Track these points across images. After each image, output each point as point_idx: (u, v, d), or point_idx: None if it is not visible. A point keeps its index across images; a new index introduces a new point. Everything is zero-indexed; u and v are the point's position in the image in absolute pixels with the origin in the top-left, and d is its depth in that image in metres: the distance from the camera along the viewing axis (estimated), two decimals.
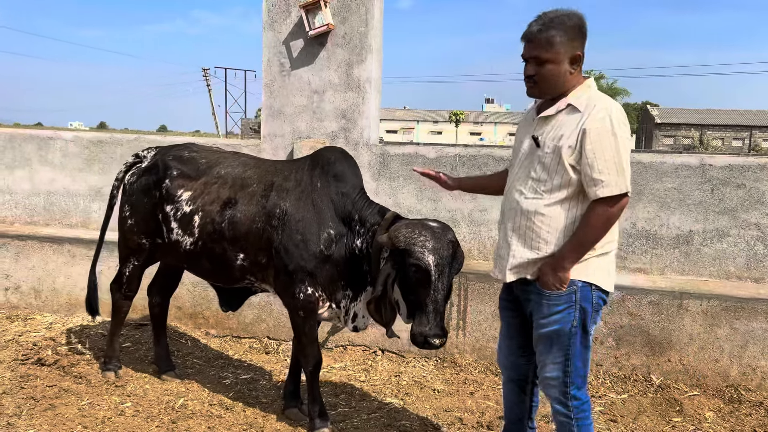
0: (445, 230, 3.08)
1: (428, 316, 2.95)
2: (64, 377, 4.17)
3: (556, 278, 2.63)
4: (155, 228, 3.87)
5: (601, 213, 2.54)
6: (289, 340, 5.03)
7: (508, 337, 3.05)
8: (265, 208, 3.53)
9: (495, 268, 2.91)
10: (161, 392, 4.05)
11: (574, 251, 2.60)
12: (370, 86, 5.24)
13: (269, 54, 5.40)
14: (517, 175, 2.76)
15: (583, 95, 2.59)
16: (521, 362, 3.02)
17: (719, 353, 4.25)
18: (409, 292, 3.04)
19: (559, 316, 2.67)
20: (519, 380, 3.07)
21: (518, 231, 2.72)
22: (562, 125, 2.58)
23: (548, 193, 2.62)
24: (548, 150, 2.59)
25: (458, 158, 5.16)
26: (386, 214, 3.38)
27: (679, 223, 4.66)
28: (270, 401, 4.01)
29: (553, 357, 2.72)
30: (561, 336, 2.69)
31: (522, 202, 2.69)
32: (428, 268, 2.92)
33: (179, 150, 3.95)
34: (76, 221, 5.95)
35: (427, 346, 2.95)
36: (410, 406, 3.99)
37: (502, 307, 3.07)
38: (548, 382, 2.78)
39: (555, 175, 2.59)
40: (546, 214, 2.64)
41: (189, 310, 5.18)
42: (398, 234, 3.03)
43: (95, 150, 5.91)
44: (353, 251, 3.44)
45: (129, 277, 4.11)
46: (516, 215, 2.72)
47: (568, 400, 2.75)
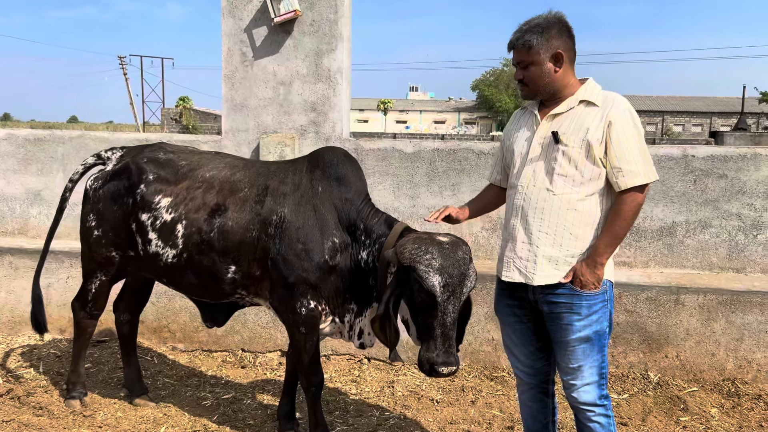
0: (456, 246, 2.78)
1: (436, 342, 2.69)
2: (21, 409, 3.69)
3: (595, 277, 2.56)
4: (127, 239, 3.45)
5: (631, 203, 2.53)
6: (266, 352, 4.71)
7: (523, 344, 2.88)
8: (260, 215, 3.19)
9: (510, 271, 2.71)
10: (136, 420, 3.65)
11: (610, 246, 2.56)
12: (341, 77, 4.93)
13: (229, 43, 5.00)
14: (534, 174, 2.64)
15: (594, 91, 2.64)
16: (541, 365, 2.89)
17: (716, 347, 4.22)
18: (417, 313, 2.79)
19: (596, 316, 2.61)
20: (541, 384, 2.93)
21: (548, 230, 2.60)
22: (583, 119, 2.57)
23: (579, 187, 2.57)
24: (574, 144, 2.55)
25: (436, 152, 4.94)
26: (394, 226, 3.10)
27: (662, 215, 4.61)
28: (259, 423, 3.68)
29: (592, 360, 2.63)
30: (600, 336, 2.63)
31: (552, 199, 2.59)
32: (433, 290, 2.66)
33: (153, 151, 3.53)
34: (12, 228, 5.37)
35: (434, 374, 2.70)
36: (412, 420, 3.75)
37: (506, 313, 2.89)
38: (584, 389, 2.64)
39: (584, 168, 2.55)
40: (579, 210, 2.58)
41: (152, 323, 4.74)
42: (404, 250, 2.75)
43: (32, 149, 5.34)
44: (358, 263, 3.15)
45: (95, 294, 3.66)
46: (545, 214, 2.61)
47: (604, 401, 2.68)
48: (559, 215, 2.58)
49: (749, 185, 4.52)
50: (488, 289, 4.44)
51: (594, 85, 2.66)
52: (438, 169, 4.91)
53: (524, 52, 2.62)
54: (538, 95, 2.69)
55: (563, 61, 2.61)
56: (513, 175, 2.76)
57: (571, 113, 2.61)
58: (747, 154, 4.58)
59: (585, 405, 2.65)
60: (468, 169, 4.86)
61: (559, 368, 2.72)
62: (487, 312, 4.45)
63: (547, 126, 2.65)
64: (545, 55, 2.60)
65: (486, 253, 4.86)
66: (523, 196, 2.66)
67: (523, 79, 2.67)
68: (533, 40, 2.60)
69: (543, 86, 2.64)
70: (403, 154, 4.95)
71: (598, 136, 2.52)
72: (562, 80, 2.64)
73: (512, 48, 2.69)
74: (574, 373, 2.66)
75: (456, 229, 4.91)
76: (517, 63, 2.68)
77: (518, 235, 2.67)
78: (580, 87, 2.65)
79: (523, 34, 2.63)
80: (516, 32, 2.67)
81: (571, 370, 2.66)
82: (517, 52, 2.66)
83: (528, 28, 2.63)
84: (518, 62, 2.67)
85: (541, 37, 2.59)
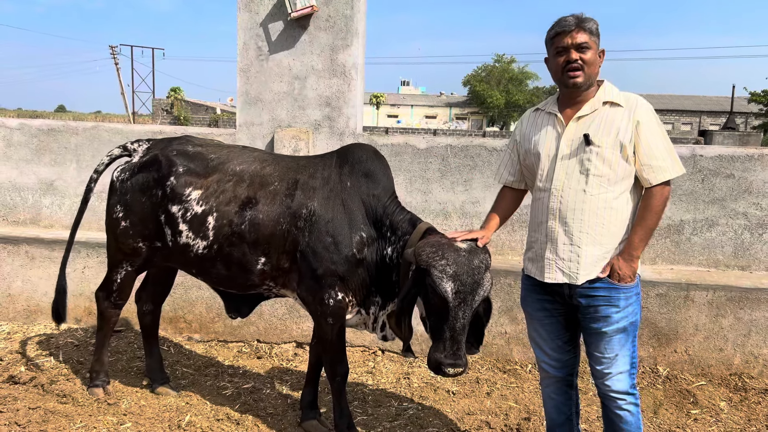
0: (473, 254, 2.82)
1: (445, 343, 2.77)
2: (46, 396, 3.74)
3: (632, 269, 2.67)
4: (155, 230, 3.50)
5: (660, 196, 2.66)
6: (281, 343, 4.78)
7: (551, 338, 2.95)
8: (290, 208, 3.25)
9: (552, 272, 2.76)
10: (160, 408, 3.70)
11: (644, 239, 2.68)
12: (355, 72, 4.99)
13: (245, 37, 5.04)
14: (567, 176, 2.70)
15: (614, 92, 2.73)
16: (568, 358, 2.98)
17: (723, 342, 4.33)
18: (430, 313, 2.87)
19: (632, 308, 2.72)
20: (566, 377, 3.01)
21: (588, 230, 2.68)
22: (612, 121, 2.66)
23: (613, 185, 2.66)
24: (607, 145, 2.63)
25: (449, 149, 5.01)
26: (418, 225, 3.17)
27: (670, 213, 4.71)
28: (281, 412, 3.75)
29: (625, 350, 2.73)
30: (634, 327, 2.75)
31: (589, 200, 2.67)
32: (444, 296, 2.72)
33: (181, 144, 3.57)
34: (24, 217, 5.40)
35: (440, 373, 2.80)
36: (430, 410, 3.83)
37: (536, 308, 2.96)
38: (617, 377, 2.73)
39: (618, 168, 2.64)
40: (615, 208, 2.67)
41: (168, 314, 4.78)
42: (421, 252, 2.82)
43: (46, 139, 5.36)
44: (383, 258, 3.22)
45: (120, 284, 3.70)
46: (584, 214, 2.68)
47: (634, 390, 2.78)
48: (597, 214, 2.66)
49: (756, 185, 4.63)
50: (501, 284, 4.53)
51: (612, 86, 2.76)
52: (450, 165, 4.98)
53: (587, 34, 2.65)
54: (588, 81, 2.68)
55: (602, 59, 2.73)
56: (541, 177, 2.80)
57: (598, 115, 2.69)
58: (754, 155, 4.69)
59: (617, 393, 2.74)
60: (480, 166, 4.93)
61: (593, 358, 2.79)
62: (500, 306, 4.54)
63: (574, 128, 2.71)
64: (597, 46, 2.69)
65: (497, 248, 4.95)
66: (558, 199, 2.72)
67: (584, 60, 2.65)
68: (595, 27, 2.68)
69: (594, 74, 2.70)
70: (416, 150, 5.01)
71: (629, 136, 2.62)
72: (596, 77, 2.73)
73: (574, 28, 2.65)
74: (609, 362, 2.74)
75: (466, 228, 4.99)
76: (578, 45, 2.65)
77: (558, 237, 2.73)
78: (599, 89, 2.74)
79: (584, 21, 2.66)
80: (571, 17, 2.68)
81: (606, 360, 2.74)
82: (580, 34, 2.65)
83: (586, 17, 2.68)
84: (581, 44, 2.64)
85: (597, 30, 2.69)
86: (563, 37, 2.68)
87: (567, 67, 2.67)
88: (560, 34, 2.69)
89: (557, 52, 2.71)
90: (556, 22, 2.72)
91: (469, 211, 4.98)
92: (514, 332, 4.56)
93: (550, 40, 2.74)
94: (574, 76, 2.67)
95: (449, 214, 5.02)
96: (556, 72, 2.74)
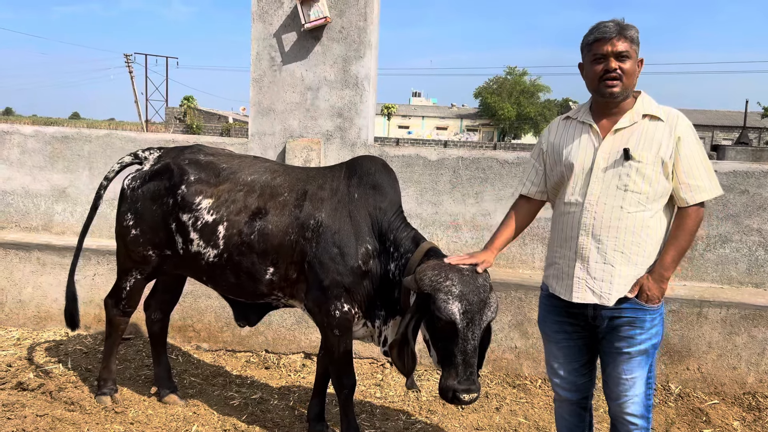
0: (476, 274, 2.78)
1: (457, 369, 2.70)
2: (54, 404, 3.73)
3: (661, 291, 2.59)
4: (166, 238, 3.50)
5: (695, 217, 2.58)
6: (290, 353, 4.76)
7: (568, 361, 2.84)
8: (298, 219, 3.24)
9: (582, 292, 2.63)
10: (167, 418, 3.69)
11: (676, 260, 2.59)
12: (368, 83, 4.99)
13: (258, 47, 5.06)
14: (603, 191, 2.58)
15: (652, 105, 2.63)
16: (583, 381, 2.88)
17: (737, 361, 4.27)
18: (437, 339, 2.80)
19: (656, 330, 2.64)
20: (581, 399, 2.92)
21: (623, 249, 2.57)
22: (653, 135, 2.55)
23: (651, 203, 2.57)
24: (647, 161, 2.53)
25: (460, 161, 4.99)
26: (421, 244, 3.12)
27: None
28: (288, 424, 3.72)
29: (643, 371, 2.64)
30: (655, 348, 2.67)
31: (626, 217, 2.56)
32: (453, 318, 2.66)
33: (193, 153, 3.58)
34: (36, 224, 5.42)
35: (456, 401, 2.72)
36: (438, 425, 3.79)
37: (554, 330, 2.84)
38: (633, 399, 2.64)
39: (657, 185, 2.55)
40: (651, 227, 2.58)
41: (177, 323, 4.78)
42: (423, 277, 2.76)
43: (59, 146, 5.40)
44: (386, 273, 3.20)
45: (130, 292, 3.70)
46: (619, 232, 2.57)
47: (649, 412, 2.69)
48: (634, 233, 2.56)
49: None
50: (512, 297, 4.49)
51: (649, 97, 2.65)
52: (462, 177, 4.96)
53: (628, 43, 2.53)
54: (625, 92, 2.57)
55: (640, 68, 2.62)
56: (573, 191, 2.66)
57: (637, 128, 2.57)
58: None
59: (631, 416, 2.65)
60: (491, 178, 4.91)
61: (610, 378, 2.69)
62: (510, 320, 4.50)
63: (611, 141, 2.59)
64: (637, 55, 2.57)
65: (507, 261, 4.92)
66: (593, 215, 2.59)
67: (623, 70, 2.53)
68: (635, 35, 2.55)
69: (632, 85, 2.58)
70: (427, 162, 5.00)
71: (669, 152, 2.53)
72: (634, 87, 2.60)
73: (615, 35, 2.53)
74: (626, 384, 2.64)
75: (477, 240, 4.97)
76: (619, 53, 2.53)
77: (591, 255, 2.61)
78: (637, 100, 2.62)
79: (627, 28, 2.54)
80: (611, 23, 2.56)
81: (624, 381, 2.64)
82: (620, 42, 2.52)
83: (627, 25, 2.55)
84: (621, 52, 2.53)
85: (638, 37, 2.57)
86: (603, 44, 2.55)
87: (605, 77, 2.55)
88: (599, 41, 2.55)
89: (595, 59, 2.58)
90: (595, 26, 2.59)
91: (480, 224, 4.95)
92: (524, 347, 4.52)
93: (588, 46, 2.60)
94: (612, 86, 2.54)
95: (460, 226, 4.99)
96: (592, 80, 2.61)
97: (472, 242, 4.98)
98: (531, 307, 4.48)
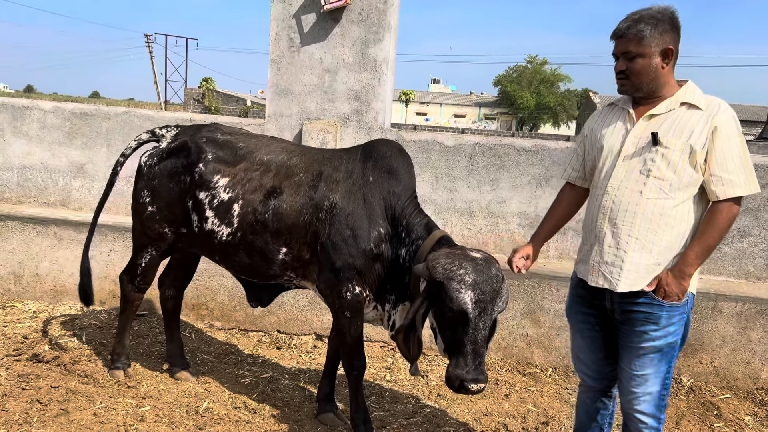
0: (489, 263, 2.77)
1: (466, 358, 2.68)
2: (68, 376, 3.78)
3: (681, 288, 2.48)
4: (182, 216, 3.52)
5: (727, 214, 2.45)
6: (301, 334, 4.78)
7: (593, 350, 2.82)
8: (313, 200, 3.24)
9: (596, 276, 2.63)
10: (178, 393, 3.73)
11: (701, 257, 2.48)
12: (386, 67, 4.96)
13: (277, 28, 5.04)
14: (626, 175, 2.55)
15: (696, 93, 2.53)
16: (608, 370, 2.83)
17: (751, 355, 4.23)
18: (446, 328, 2.78)
19: (674, 328, 2.54)
20: (605, 388, 2.89)
21: (638, 235, 2.51)
22: (686, 122, 2.48)
23: (675, 192, 2.47)
24: (675, 147, 2.45)
25: (477, 147, 4.96)
26: (432, 232, 3.11)
27: None
28: (298, 403, 3.75)
29: (657, 370, 2.56)
30: (672, 348, 2.56)
31: (645, 203, 2.50)
32: (465, 307, 2.65)
33: (211, 131, 3.58)
34: (54, 199, 5.47)
35: (463, 390, 2.70)
36: (447, 409, 3.80)
37: (579, 320, 2.83)
38: (644, 397, 2.59)
39: (683, 173, 2.46)
40: (672, 216, 2.48)
41: (191, 300, 4.82)
42: (436, 265, 2.74)
43: (78, 123, 5.42)
44: (397, 258, 3.19)
45: (145, 268, 3.73)
46: (636, 218, 2.51)
47: (661, 413, 2.63)
48: (651, 220, 2.49)
49: None
50: (525, 286, 4.48)
51: (695, 87, 2.56)
52: (478, 164, 4.94)
53: (634, 42, 2.49)
54: (638, 91, 2.56)
55: (671, 57, 2.51)
56: (600, 174, 2.65)
57: (672, 115, 2.51)
58: None
59: (641, 414, 2.60)
60: (508, 165, 4.88)
61: (622, 373, 2.65)
62: (522, 308, 4.49)
63: (644, 126, 2.54)
64: (655, 48, 2.48)
65: None
66: (612, 198, 2.56)
67: (626, 71, 2.53)
68: (646, 31, 2.47)
69: (646, 81, 2.53)
70: (444, 147, 4.98)
71: (702, 141, 2.43)
72: (665, 78, 2.53)
73: (619, 36, 2.54)
74: (637, 380, 2.59)
75: (491, 228, 4.95)
76: (623, 53, 2.53)
77: (605, 239, 2.58)
78: (680, 89, 2.55)
79: (636, 23, 2.49)
80: (625, 20, 2.53)
81: (635, 377, 2.59)
82: (624, 42, 2.52)
83: (640, 18, 2.50)
84: (624, 52, 2.52)
85: (655, 30, 2.47)
86: (614, 44, 2.57)
87: (617, 74, 2.58)
88: (613, 40, 2.57)
89: (613, 55, 2.60)
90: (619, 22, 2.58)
91: (495, 211, 4.93)
92: (535, 335, 4.51)
93: None
94: (621, 85, 2.58)
95: (474, 213, 4.97)
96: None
97: (486, 230, 4.96)
98: (543, 295, 4.46)
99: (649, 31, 2.47)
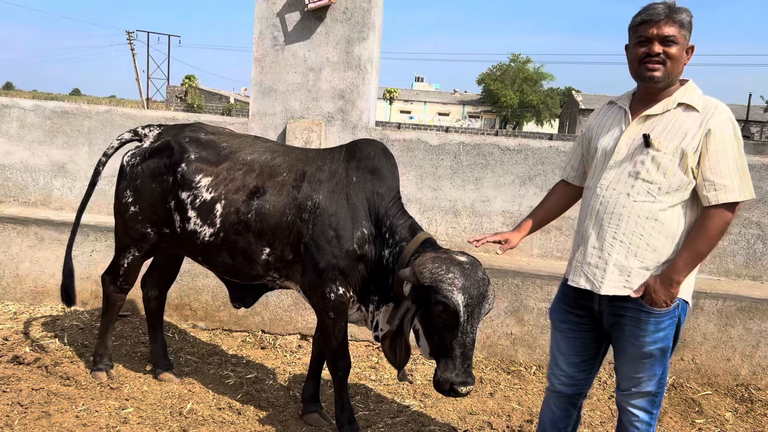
0: (475, 267, 2.78)
1: (455, 361, 2.69)
2: (49, 378, 3.74)
3: (668, 295, 2.44)
4: (164, 216, 3.49)
5: (719, 220, 2.39)
6: (286, 334, 4.77)
7: (570, 353, 2.77)
8: (296, 200, 3.23)
9: (577, 276, 2.62)
10: (162, 395, 3.70)
11: (690, 264, 2.43)
12: (371, 66, 4.95)
13: (261, 26, 5.02)
14: (616, 177, 2.52)
15: (694, 94, 2.48)
16: (582, 377, 2.80)
17: (731, 352, 4.29)
18: (434, 332, 2.77)
19: (663, 334, 2.50)
20: (573, 395, 2.84)
21: (623, 238, 2.48)
22: (680, 124, 2.42)
23: (664, 196, 2.43)
24: (666, 150, 2.40)
25: (462, 146, 4.97)
26: (416, 234, 3.11)
27: None
28: (282, 404, 3.74)
29: (651, 373, 2.55)
30: (664, 352, 2.53)
31: (631, 205, 2.46)
32: (456, 310, 2.65)
33: (194, 131, 3.56)
34: (35, 199, 5.41)
35: (452, 394, 2.71)
36: (432, 408, 3.81)
37: (561, 320, 2.78)
38: (639, 395, 2.59)
39: (673, 177, 2.41)
40: (660, 221, 2.44)
41: (174, 301, 4.78)
42: (423, 269, 2.73)
43: (59, 122, 5.37)
44: (381, 259, 3.18)
45: (127, 269, 3.70)
46: (621, 220, 2.48)
47: (654, 408, 2.63)
48: (637, 223, 2.45)
49: None
50: (509, 285, 4.50)
51: (695, 87, 2.50)
52: (462, 163, 4.95)
53: (677, 27, 2.39)
54: (666, 79, 2.44)
55: (690, 56, 2.46)
56: (592, 174, 2.64)
57: (667, 116, 2.46)
58: None
59: (633, 408, 2.60)
60: (492, 164, 4.90)
61: (618, 370, 2.64)
62: (506, 307, 4.51)
63: (637, 128, 2.49)
64: (686, 42, 2.43)
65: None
66: (600, 199, 2.53)
67: (668, 55, 2.41)
68: (687, 20, 2.40)
69: (676, 72, 2.44)
70: (428, 146, 4.98)
71: (694, 145, 2.37)
72: (679, 75, 2.47)
73: (663, 18, 2.40)
74: (631, 381, 2.59)
75: (475, 226, 4.96)
76: (665, 37, 2.40)
77: (590, 240, 2.56)
78: (680, 88, 2.49)
79: (679, 11, 2.40)
80: (661, 5, 2.43)
81: (629, 377, 2.59)
82: (668, 26, 2.39)
83: (679, 8, 2.41)
84: (667, 36, 2.40)
85: (689, 23, 2.42)
86: (649, 26, 2.42)
87: (646, 59, 2.43)
88: (646, 23, 2.43)
89: (639, 41, 2.45)
90: (644, 8, 2.47)
91: (479, 210, 4.95)
92: (519, 333, 4.53)
93: (634, 28, 2.48)
94: (653, 69, 2.42)
95: (459, 212, 4.99)
96: (633, 62, 2.49)
97: (471, 228, 4.98)
98: (527, 294, 4.49)
99: (688, 20, 2.42)
